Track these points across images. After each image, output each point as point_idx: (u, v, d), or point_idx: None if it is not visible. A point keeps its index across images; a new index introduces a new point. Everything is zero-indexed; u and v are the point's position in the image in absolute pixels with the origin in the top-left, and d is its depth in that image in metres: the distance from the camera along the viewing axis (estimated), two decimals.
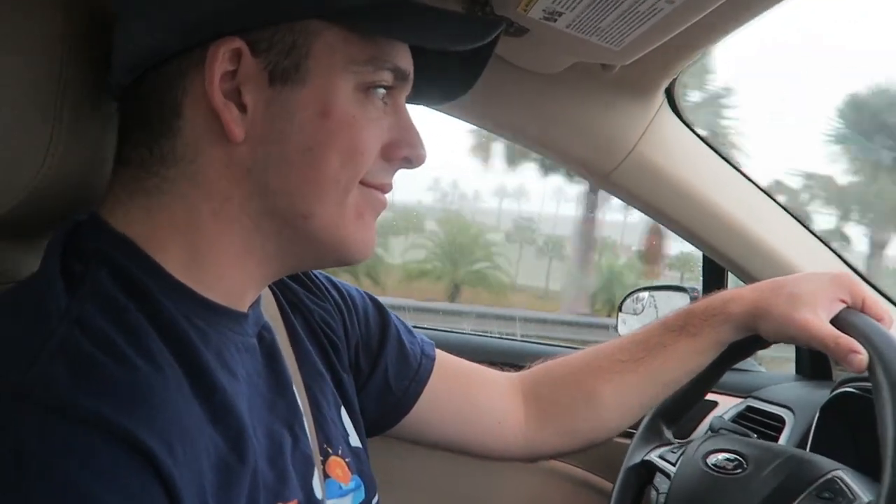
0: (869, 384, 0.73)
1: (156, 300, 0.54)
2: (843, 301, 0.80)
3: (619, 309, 1.60)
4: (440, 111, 1.10)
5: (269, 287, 0.71)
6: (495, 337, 1.51)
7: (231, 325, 0.59)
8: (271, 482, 0.56)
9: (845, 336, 0.75)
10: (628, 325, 1.56)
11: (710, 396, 1.36)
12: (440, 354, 0.87)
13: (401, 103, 0.62)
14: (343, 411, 0.74)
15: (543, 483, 1.40)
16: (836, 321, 0.78)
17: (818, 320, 0.77)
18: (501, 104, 1.11)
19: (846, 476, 0.72)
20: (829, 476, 0.72)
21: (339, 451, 0.69)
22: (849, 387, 1.02)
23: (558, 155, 1.16)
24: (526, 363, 0.96)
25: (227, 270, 0.58)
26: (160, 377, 0.49)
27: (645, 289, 1.62)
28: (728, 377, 1.42)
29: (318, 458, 0.65)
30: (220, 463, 0.51)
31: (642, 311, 1.59)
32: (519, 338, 1.57)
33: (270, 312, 0.70)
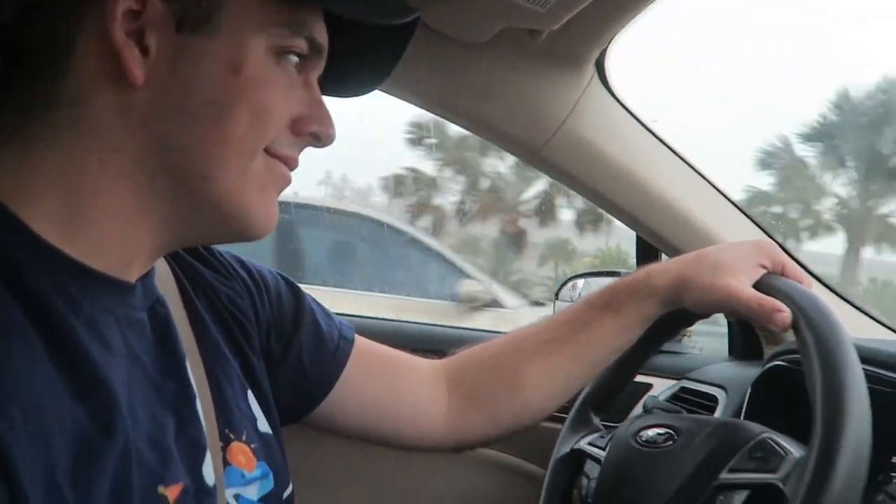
0: (798, 356, 0.72)
1: (15, 264, 0.49)
2: (764, 266, 0.79)
3: (556, 297, 1.59)
4: None
5: (169, 263, 0.66)
6: (420, 323, 1.47)
7: (112, 296, 0.54)
8: (151, 463, 0.51)
9: (768, 297, 0.74)
10: None
11: (643, 379, 1.36)
12: (359, 339, 0.82)
13: (313, 79, 0.60)
14: (250, 395, 0.68)
15: (475, 472, 1.37)
16: (758, 285, 0.77)
17: (741, 285, 0.76)
18: (427, 75, 1.06)
19: (776, 437, 0.71)
20: (759, 438, 0.71)
21: (244, 437, 0.64)
22: (779, 360, 1.02)
23: (487, 130, 1.12)
24: (451, 349, 0.92)
25: (112, 233, 0.54)
26: (4, 345, 0.45)
27: (580, 276, 1.62)
28: (662, 360, 1.43)
29: (215, 443, 0.60)
30: (79, 437, 0.46)
31: (578, 297, 1.58)
32: (448, 324, 1.53)
33: (168, 289, 0.64)
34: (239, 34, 0.53)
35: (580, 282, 1.58)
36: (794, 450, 0.68)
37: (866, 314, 1.21)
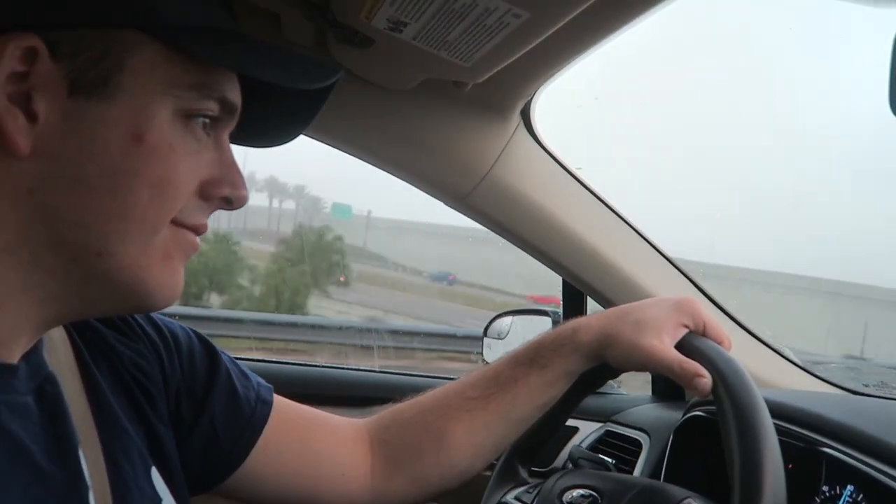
0: (715, 407, 0.73)
1: None
2: (686, 326, 0.80)
3: (485, 334, 1.58)
4: None
5: (66, 328, 0.61)
6: (353, 369, 1.43)
7: None
8: None
9: (689, 361, 0.75)
10: (493, 350, 1.54)
11: (570, 422, 1.36)
12: (278, 400, 0.79)
13: (224, 139, 0.57)
14: (154, 472, 0.63)
15: None
16: (680, 346, 0.78)
17: (663, 346, 0.76)
18: (352, 121, 1.04)
19: (696, 503, 0.71)
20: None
21: None
22: (698, 410, 1.03)
23: (414, 177, 1.11)
24: (375, 395, 0.89)
25: None
26: None
27: (507, 313, 1.61)
28: (588, 401, 1.42)
29: None
30: None
31: (507, 335, 1.57)
32: (378, 369, 1.49)
33: (62, 359, 0.59)
34: (141, 98, 0.49)
35: (508, 319, 1.58)
36: None
37: (786, 359, 1.25)
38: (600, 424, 1.35)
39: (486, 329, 1.59)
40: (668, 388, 1.39)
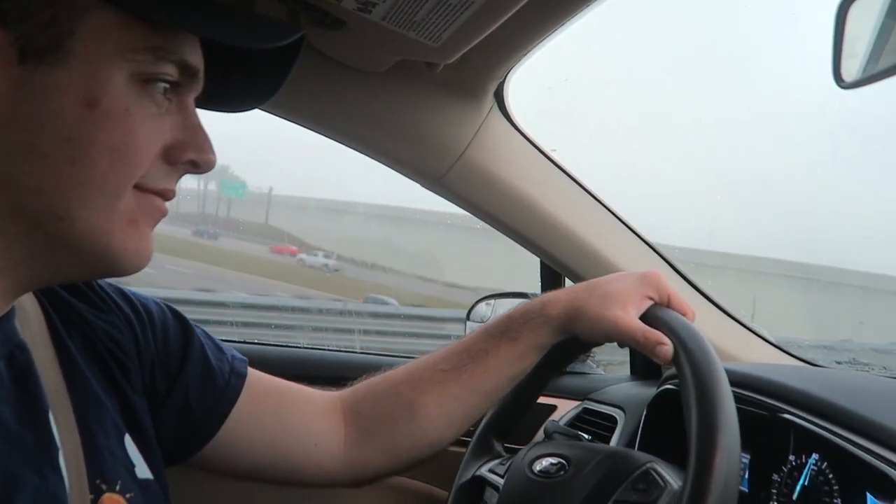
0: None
1: None
2: (651, 298, 0.82)
3: (467, 318, 1.60)
4: (263, 110, 1.03)
5: (38, 299, 0.62)
6: (334, 350, 1.45)
7: None
8: None
9: (653, 330, 0.77)
10: None
11: (548, 401, 1.39)
12: (252, 373, 0.80)
13: (188, 103, 0.56)
14: (127, 440, 0.65)
15: (381, 498, 1.35)
16: (644, 317, 0.80)
17: (628, 317, 0.79)
18: (327, 104, 1.05)
19: (659, 467, 0.74)
20: (644, 468, 0.73)
21: (118, 487, 0.61)
22: (670, 384, 1.06)
23: (388, 158, 1.12)
24: (351, 376, 0.91)
25: None
26: None
27: (488, 297, 1.64)
28: (566, 381, 1.46)
29: (83, 496, 0.56)
30: None
31: (490, 318, 1.59)
32: (359, 351, 1.51)
33: (35, 329, 0.60)
34: (94, 63, 0.49)
35: (491, 301, 1.60)
36: (673, 481, 0.71)
37: (755, 334, 1.27)
38: (578, 403, 1.37)
39: (468, 313, 1.61)
40: (645, 367, 1.41)
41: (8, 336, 0.56)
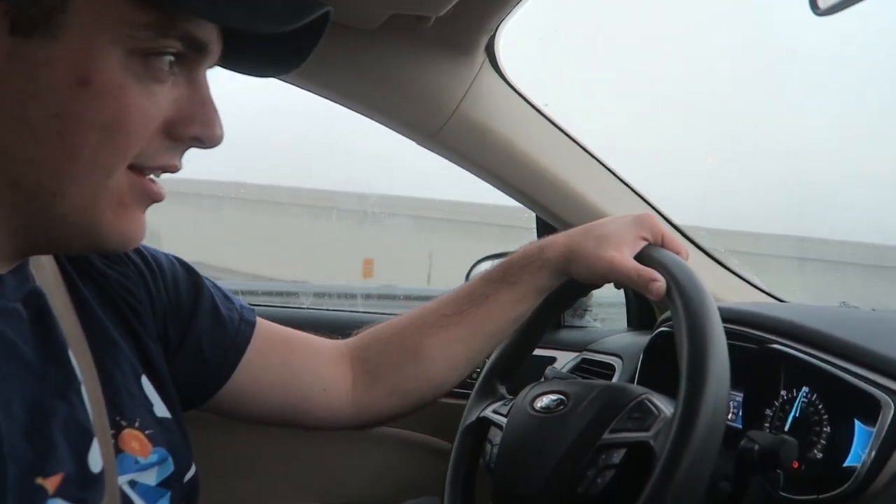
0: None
1: None
2: (646, 238, 0.84)
3: (467, 278, 1.63)
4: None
5: None
6: (335, 310, 1.48)
7: None
8: (26, 456, 0.50)
9: (646, 268, 0.79)
10: None
11: (548, 353, 1.42)
12: (261, 322, 0.82)
13: (198, 75, 0.54)
14: (145, 380, 0.67)
15: (383, 450, 1.40)
16: (639, 257, 0.82)
17: (623, 257, 0.81)
18: (319, 62, 1.05)
19: (654, 398, 0.76)
20: (639, 399, 0.76)
21: (137, 424, 0.63)
22: (665, 327, 1.09)
23: (382, 116, 1.14)
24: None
25: None
26: None
27: (490, 257, 1.66)
28: (565, 334, 1.50)
29: (104, 430, 0.59)
30: None
31: None
32: (361, 310, 1.54)
33: (49, 277, 0.62)
34: (87, 38, 0.47)
35: (492, 262, 1.62)
36: (666, 408, 0.73)
37: (744, 280, 1.30)
38: (576, 354, 1.41)
39: (468, 274, 1.64)
40: (641, 316, 1.45)
41: (23, 282, 0.57)
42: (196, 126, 0.54)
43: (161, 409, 0.67)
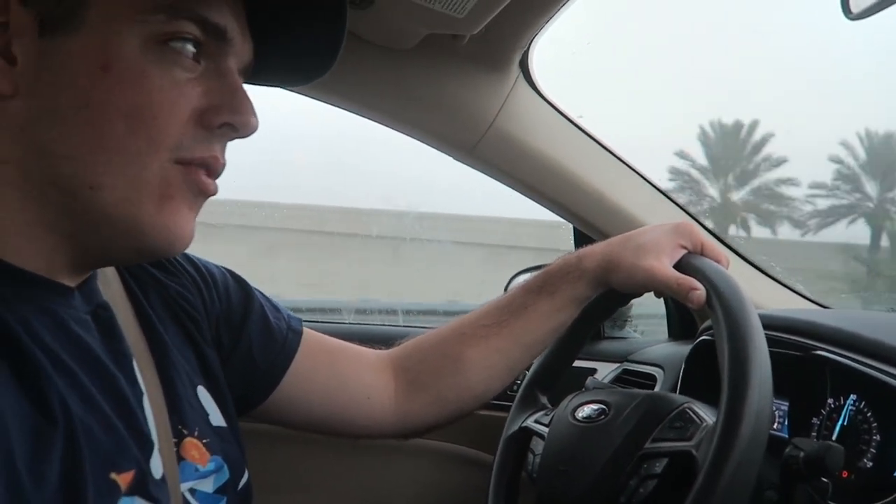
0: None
1: None
2: (685, 247, 0.84)
3: (506, 290, 1.63)
4: (296, 93, 1.08)
5: (116, 266, 0.67)
6: (377, 325, 1.50)
7: (48, 296, 0.55)
8: (105, 447, 0.52)
9: (686, 277, 0.79)
10: None
11: (589, 364, 1.42)
12: (307, 331, 0.85)
13: (227, 66, 0.55)
14: (201, 390, 0.70)
15: (426, 464, 1.41)
16: (678, 265, 0.82)
17: (662, 266, 0.81)
18: (358, 82, 1.09)
19: (696, 406, 0.76)
20: (680, 408, 0.76)
21: (196, 433, 0.66)
22: (707, 335, 1.08)
23: (420, 133, 1.17)
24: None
25: (25, 242, 0.53)
26: None
27: (525, 271, 1.67)
28: (605, 346, 1.49)
29: (167, 439, 0.61)
30: (28, 426, 0.47)
31: None
32: (402, 324, 1.56)
33: (114, 291, 0.65)
34: (107, 28, 0.50)
35: (526, 276, 1.63)
36: (708, 417, 0.73)
37: (787, 287, 1.28)
38: (617, 365, 1.40)
39: (506, 287, 1.64)
40: (682, 326, 1.43)
41: (91, 295, 0.60)
42: (226, 113, 0.55)
43: (217, 419, 0.69)
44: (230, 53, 0.56)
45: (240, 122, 0.56)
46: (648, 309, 1.59)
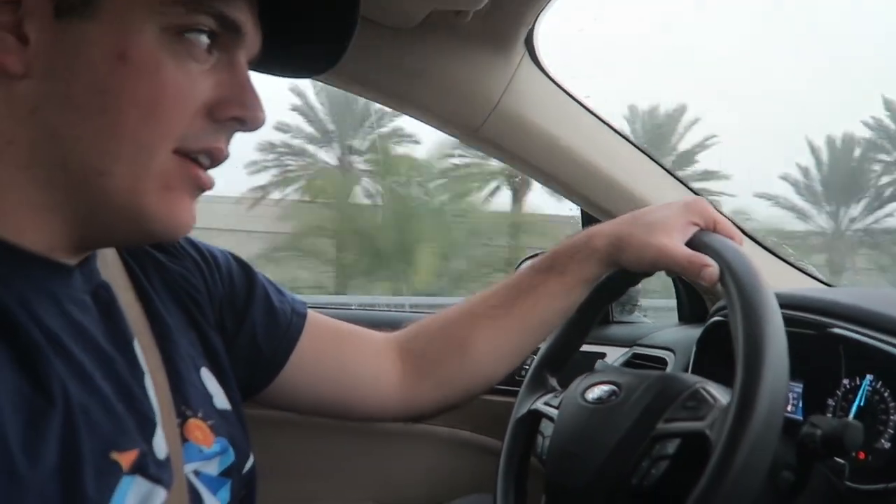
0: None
1: None
2: (696, 224, 0.82)
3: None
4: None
5: (116, 248, 0.66)
6: (384, 310, 1.49)
7: (47, 275, 0.54)
8: (104, 428, 0.51)
9: (698, 254, 0.77)
10: None
11: (598, 348, 1.40)
12: (312, 314, 0.84)
13: (237, 60, 0.56)
14: (204, 372, 0.69)
15: (434, 449, 1.40)
16: (690, 243, 0.80)
17: (673, 243, 0.79)
18: (361, 62, 1.07)
19: (709, 386, 0.74)
20: (693, 388, 0.74)
21: (200, 414, 0.64)
22: (718, 316, 1.06)
23: (423, 113, 1.15)
24: None
25: (27, 222, 0.53)
26: None
27: (534, 256, 1.66)
28: (615, 330, 1.48)
29: (170, 419, 0.60)
30: (24, 405, 0.46)
31: None
32: (408, 310, 1.54)
33: (114, 272, 0.64)
34: (124, 16, 0.50)
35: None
36: (722, 397, 0.71)
37: (797, 268, 1.26)
38: (627, 349, 1.38)
39: (516, 269, 1.63)
40: (692, 309, 1.42)
41: (91, 275, 0.59)
42: (235, 107, 0.56)
43: (221, 401, 0.68)
44: (242, 46, 0.56)
45: (248, 117, 0.56)
46: (657, 303, 1.57)
